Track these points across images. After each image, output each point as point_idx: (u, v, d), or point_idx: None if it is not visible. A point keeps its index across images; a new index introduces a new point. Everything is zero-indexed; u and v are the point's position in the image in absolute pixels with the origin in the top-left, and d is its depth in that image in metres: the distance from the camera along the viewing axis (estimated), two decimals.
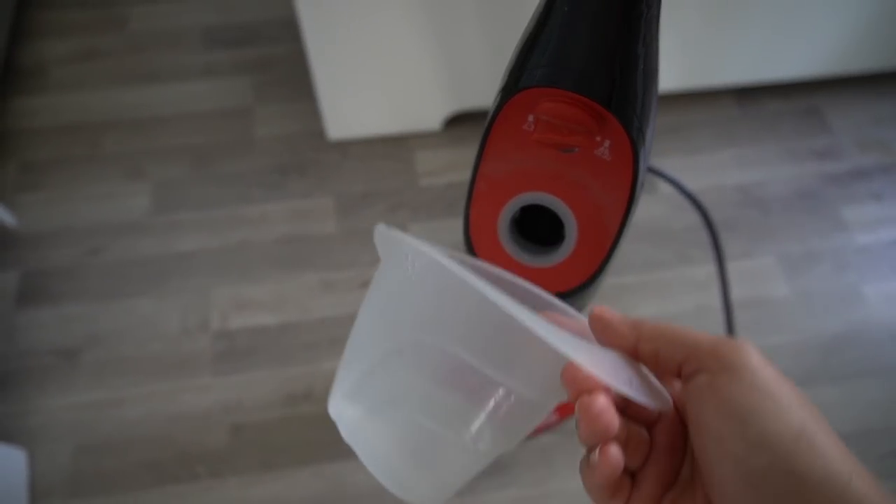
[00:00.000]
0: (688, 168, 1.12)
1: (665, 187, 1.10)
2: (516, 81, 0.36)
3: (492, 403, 0.26)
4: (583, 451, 0.26)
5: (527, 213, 0.44)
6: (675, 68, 1.10)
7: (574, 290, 0.43)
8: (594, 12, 0.32)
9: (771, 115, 1.18)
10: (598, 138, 0.36)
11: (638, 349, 0.26)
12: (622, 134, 0.35)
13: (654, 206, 1.08)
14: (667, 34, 1.01)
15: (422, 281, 0.27)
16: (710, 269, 1.03)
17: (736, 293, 1.00)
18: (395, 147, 1.12)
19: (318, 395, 0.92)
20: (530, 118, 0.37)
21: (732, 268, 1.03)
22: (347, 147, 1.12)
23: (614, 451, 0.24)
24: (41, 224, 1.04)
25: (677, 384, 0.27)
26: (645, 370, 0.27)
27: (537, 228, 0.45)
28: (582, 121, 0.34)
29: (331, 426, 0.30)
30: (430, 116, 1.11)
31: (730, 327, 0.65)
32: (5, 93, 1.16)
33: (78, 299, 0.98)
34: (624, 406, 0.26)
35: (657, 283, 1.02)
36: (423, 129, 1.13)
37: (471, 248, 0.45)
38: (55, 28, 1.25)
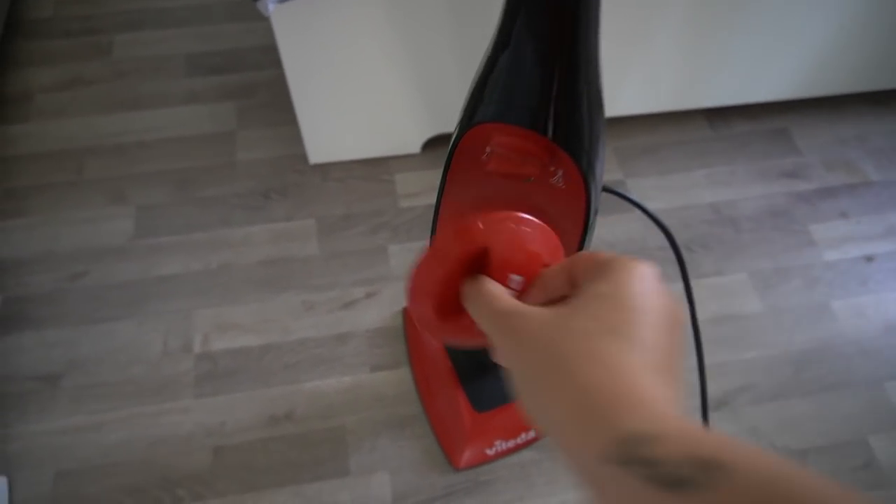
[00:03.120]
0: (662, 188, 1.15)
1: None
2: (471, 116, 0.39)
3: None
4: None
5: None
6: (649, 93, 1.13)
7: None
8: (537, 54, 0.35)
9: (741, 135, 1.22)
10: (552, 168, 0.38)
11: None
12: (572, 166, 0.38)
13: (630, 225, 1.11)
14: (641, 62, 1.04)
15: None
16: (683, 286, 1.05)
17: (709, 309, 1.03)
18: (376, 169, 1.15)
19: (299, 416, 0.92)
20: (488, 149, 0.39)
21: (706, 284, 1.05)
22: (328, 169, 1.14)
23: None
24: (23, 250, 1.05)
25: None
26: None
27: None
28: (533, 153, 0.36)
29: (312, 446, 0.29)
30: (410, 140, 1.14)
31: (698, 345, 0.67)
32: None
33: (59, 324, 0.99)
34: None
35: None
36: (403, 152, 1.15)
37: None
38: (40, 56, 1.27)
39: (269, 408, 0.93)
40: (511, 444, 0.90)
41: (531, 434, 0.91)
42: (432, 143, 1.16)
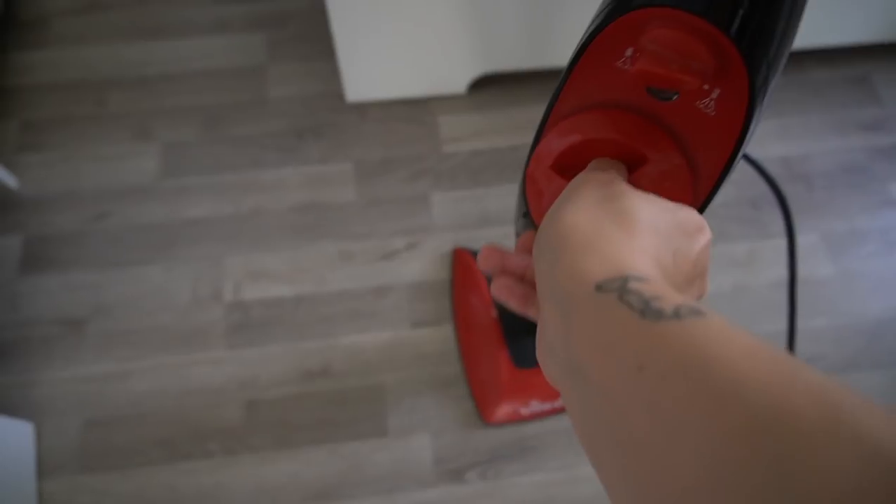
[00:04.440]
0: None
1: None
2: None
3: None
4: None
5: None
6: None
7: None
8: None
9: (817, 83, 1.11)
10: (707, 86, 0.30)
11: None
12: (742, 82, 0.29)
13: None
14: None
15: None
16: (749, 246, 0.97)
17: (776, 272, 0.95)
18: (418, 110, 1.06)
19: (335, 372, 0.88)
20: (628, 52, 0.31)
21: (773, 245, 0.97)
22: (367, 109, 1.06)
23: (494, 284, 0.33)
24: (44, 187, 0.99)
25: None
26: None
27: None
28: (699, 56, 0.28)
29: (349, 404, 0.26)
30: (456, 79, 1.04)
31: (792, 309, 0.60)
32: (5, 47, 1.09)
33: (83, 267, 0.94)
34: None
35: None
36: (448, 92, 1.06)
37: (525, 196, 0.39)
38: None
39: (304, 362, 0.88)
40: (548, 406, 0.84)
41: None
42: (479, 85, 1.07)
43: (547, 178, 0.36)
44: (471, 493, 0.82)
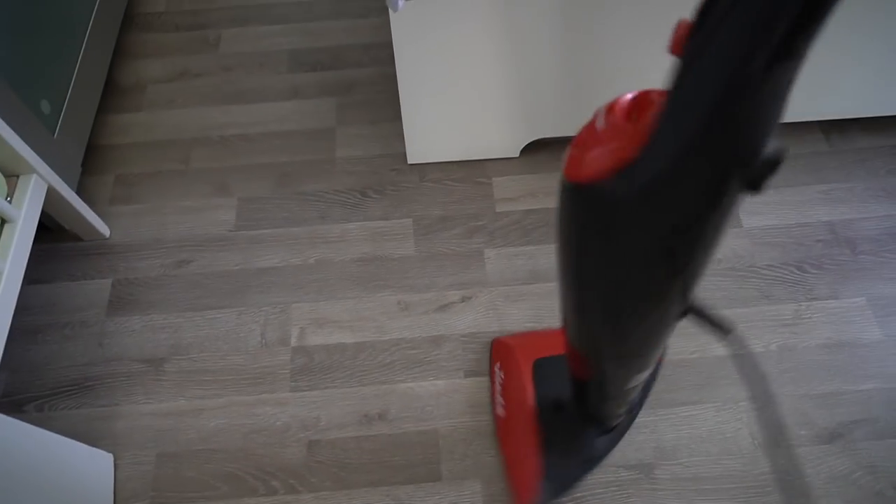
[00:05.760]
0: (775, 203, 1.09)
1: (750, 221, 1.08)
2: None
3: None
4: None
5: None
6: None
7: None
8: None
9: (862, 150, 1.14)
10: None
11: None
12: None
13: (736, 241, 1.06)
14: None
15: None
16: (795, 307, 1.00)
17: (823, 335, 0.97)
18: (474, 171, 1.13)
19: (392, 417, 0.92)
20: None
21: (820, 308, 0.99)
22: (426, 170, 1.14)
23: None
24: (132, 235, 1.09)
25: None
26: None
27: None
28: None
29: (404, 448, 0.28)
30: (509, 144, 1.12)
31: None
32: (107, 109, 1.22)
33: (164, 309, 1.02)
34: None
35: (739, 320, 0.99)
36: (502, 155, 1.13)
37: None
38: (152, 49, 1.31)
39: (362, 406, 0.93)
40: None
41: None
42: (530, 149, 1.14)
43: None
44: None
